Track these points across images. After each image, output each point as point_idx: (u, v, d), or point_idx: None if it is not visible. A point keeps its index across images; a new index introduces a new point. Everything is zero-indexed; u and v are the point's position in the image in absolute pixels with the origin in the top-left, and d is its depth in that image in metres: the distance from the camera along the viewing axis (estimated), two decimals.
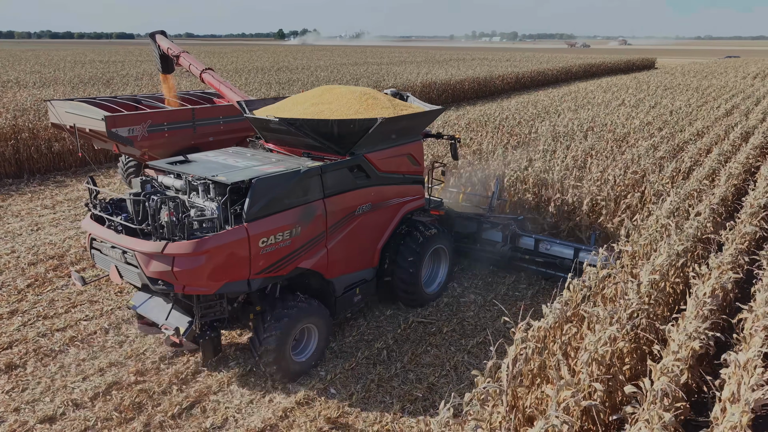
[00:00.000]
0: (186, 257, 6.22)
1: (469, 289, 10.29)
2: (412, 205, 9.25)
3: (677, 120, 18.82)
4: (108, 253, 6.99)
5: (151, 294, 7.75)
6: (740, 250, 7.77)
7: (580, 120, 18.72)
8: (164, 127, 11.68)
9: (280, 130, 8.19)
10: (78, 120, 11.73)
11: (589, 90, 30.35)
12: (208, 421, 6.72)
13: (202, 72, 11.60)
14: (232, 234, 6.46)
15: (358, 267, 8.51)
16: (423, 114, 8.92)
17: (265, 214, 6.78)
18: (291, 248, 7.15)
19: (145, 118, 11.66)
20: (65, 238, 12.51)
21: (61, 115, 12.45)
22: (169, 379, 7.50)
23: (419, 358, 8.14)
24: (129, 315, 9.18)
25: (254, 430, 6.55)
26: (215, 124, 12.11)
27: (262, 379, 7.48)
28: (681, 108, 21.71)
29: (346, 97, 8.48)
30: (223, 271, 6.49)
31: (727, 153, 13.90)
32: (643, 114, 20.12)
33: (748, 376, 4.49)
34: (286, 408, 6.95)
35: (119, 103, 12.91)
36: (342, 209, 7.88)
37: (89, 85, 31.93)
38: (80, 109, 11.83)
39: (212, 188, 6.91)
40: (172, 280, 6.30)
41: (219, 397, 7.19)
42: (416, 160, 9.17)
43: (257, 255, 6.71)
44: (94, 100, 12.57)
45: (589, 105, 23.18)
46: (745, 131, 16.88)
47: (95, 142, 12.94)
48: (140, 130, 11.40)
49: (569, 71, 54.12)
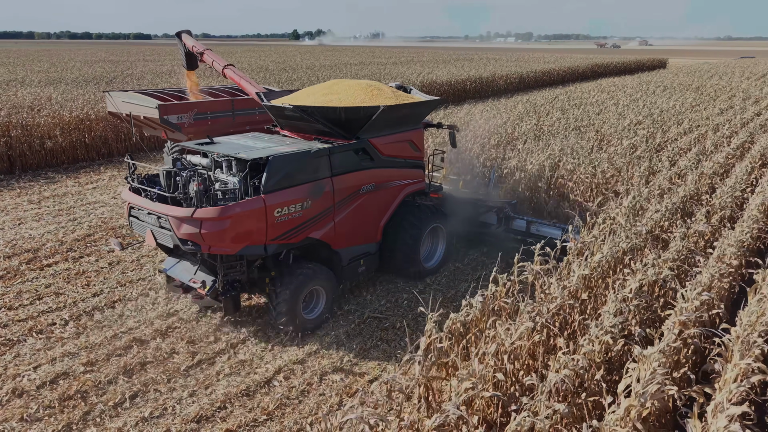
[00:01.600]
0: (212, 221, 7.31)
1: (431, 286, 10.31)
2: (413, 187, 10.16)
3: (664, 120, 18.63)
4: (144, 219, 8.15)
5: (179, 259, 8.99)
6: (689, 249, 7.73)
7: (567, 120, 18.64)
8: (208, 116, 12.68)
9: (294, 117, 9.23)
10: (133, 108, 12.70)
11: (587, 90, 30.15)
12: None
13: (224, 68, 12.39)
14: (252, 203, 7.52)
15: (363, 241, 9.46)
16: (422, 103, 9.95)
17: (279, 188, 7.82)
18: (302, 219, 8.18)
19: (192, 107, 12.64)
20: (44, 232, 12.75)
21: (118, 104, 13.38)
22: (117, 369, 7.63)
23: (367, 352, 8.19)
24: (89, 307, 9.35)
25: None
26: (251, 114, 13.08)
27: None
28: (673, 108, 21.49)
29: (353, 89, 9.45)
30: (243, 235, 7.54)
31: (707, 152, 13.75)
32: (633, 114, 19.95)
33: (646, 370, 4.48)
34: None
35: (168, 94, 13.88)
36: (348, 187, 8.88)
37: (91, 84, 32.37)
38: (136, 99, 12.84)
39: (234, 164, 7.94)
40: (199, 241, 7.38)
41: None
42: (417, 146, 10.12)
43: (272, 223, 7.75)
44: (146, 92, 13.59)
45: (582, 105, 23.04)
46: (730, 132, 16.67)
47: (146, 129, 13.78)
48: (187, 118, 12.36)
49: (576, 71, 53.71)
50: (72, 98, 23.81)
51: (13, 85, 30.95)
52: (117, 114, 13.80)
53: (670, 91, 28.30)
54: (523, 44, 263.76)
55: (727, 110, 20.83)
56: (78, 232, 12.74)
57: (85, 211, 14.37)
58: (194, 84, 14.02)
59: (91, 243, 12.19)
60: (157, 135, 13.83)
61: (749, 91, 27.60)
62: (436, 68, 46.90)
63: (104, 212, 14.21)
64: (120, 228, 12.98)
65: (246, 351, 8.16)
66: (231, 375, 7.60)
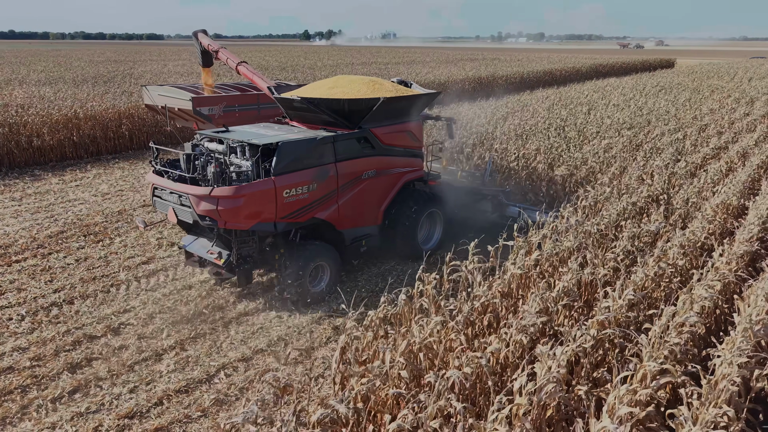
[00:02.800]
0: (227, 199, 8.14)
1: (395, 285, 10.27)
2: (412, 175, 10.95)
3: (650, 120, 18.44)
4: (167, 198, 8.99)
5: (196, 236, 9.86)
6: (630, 250, 7.62)
7: (551, 119, 18.51)
8: (236, 108, 13.46)
9: (302, 108, 10.10)
10: (168, 101, 13.54)
11: (583, 90, 29.92)
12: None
13: (237, 65, 13.23)
14: (263, 184, 8.36)
15: (364, 223, 10.25)
16: (419, 96, 10.70)
17: (288, 171, 8.63)
18: (308, 200, 9.00)
19: (222, 100, 13.50)
20: (19, 229, 12.88)
21: (155, 97, 14.16)
22: (62, 365, 7.68)
23: (316, 350, 8.19)
24: (48, 303, 9.42)
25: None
26: (275, 108, 13.58)
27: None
28: (661, 108, 21.25)
29: (356, 83, 10.32)
30: (255, 212, 8.38)
31: (686, 152, 13.58)
32: (619, 114, 19.75)
33: (543, 369, 4.42)
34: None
35: (200, 88, 14.68)
36: (350, 173, 9.69)
37: (89, 83, 32.68)
38: (171, 92, 13.73)
39: (247, 150, 8.73)
40: (216, 217, 8.19)
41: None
42: (416, 136, 10.94)
43: (281, 203, 8.58)
44: (180, 86, 14.51)
45: (571, 105, 22.86)
46: (715, 131, 16.46)
47: (178, 121, 14.53)
48: (217, 110, 13.18)
49: (579, 71, 53.33)
50: (65, 97, 24.09)
51: (12, 83, 31.32)
52: (153, 106, 14.58)
53: (666, 91, 28.00)
54: (534, 45, 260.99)
55: (719, 110, 20.55)
56: (52, 229, 12.86)
57: (64, 208, 14.49)
58: (209, 80, 14.68)
59: (62, 240, 12.29)
60: (189, 126, 14.64)
61: (747, 91, 27.23)
62: (436, 68, 46.87)
63: (82, 210, 14.32)
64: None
65: (194, 348, 8.18)
66: (174, 371, 7.62)
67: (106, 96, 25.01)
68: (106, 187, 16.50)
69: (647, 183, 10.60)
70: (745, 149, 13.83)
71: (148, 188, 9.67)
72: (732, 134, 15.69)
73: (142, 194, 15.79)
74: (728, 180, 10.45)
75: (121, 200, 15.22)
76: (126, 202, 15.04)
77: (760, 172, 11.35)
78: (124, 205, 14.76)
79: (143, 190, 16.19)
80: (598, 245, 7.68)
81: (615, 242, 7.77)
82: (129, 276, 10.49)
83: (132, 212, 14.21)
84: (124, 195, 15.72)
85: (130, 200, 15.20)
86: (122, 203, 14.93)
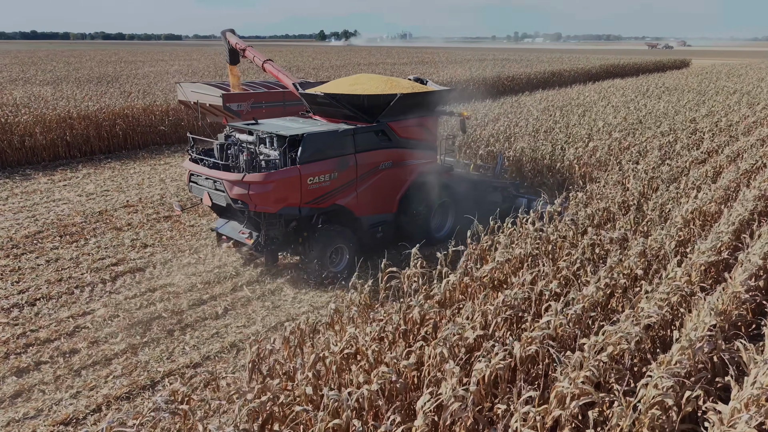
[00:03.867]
0: (258, 184, 9.03)
1: None
2: (426, 167, 11.53)
3: (641, 121, 18.02)
4: (202, 184, 9.89)
5: (228, 219, 10.92)
6: (582, 259, 7.34)
7: (543, 120, 18.18)
8: (263, 105, 14.16)
9: (324, 103, 10.92)
10: (200, 97, 14.17)
11: (585, 92, 29.42)
12: None
13: (264, 62, 13.85)
14: (289, 172, 9.24)
15: (381, 211, 10.94)
16: (434, 92, 11.48)
17: (312, 160, 9.46)
18: (330, 188, 9.81)
19: (250, 97, 14.23)
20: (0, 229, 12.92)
21: (188, 94, 14.87)
22: (9, 368, 7.61)
23: None
24: (10, 304, 9.40)
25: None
26: (300, 105, 14.37)
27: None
28: (658, 110, 20.76)
29: (375, 81, 11.19)
30: (282, 197, 9.26)
31: (672, 156, 13.17)
32: (613, 115, 19.33)
33: (450, 387, 4.20)
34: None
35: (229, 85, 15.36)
36: (369, 163, 10.41)
37: (93, 83, 32.96)
38: (202, 89, 14.53)
39: (275, 140, 9.60)
40: (247, 200, 9.07)
41: None
42: (430, 131, 11.62)
43: (306, 189, 9.43)
44: (212, 83, 15.39)
45: (567, 107, 22.45)
46: (710, 135, 15.99)
47: (209, 116, 15.06)
48: (245, 106, 13.85)
49: (588, 72, 52.56)
50: (63, 97, 24.27)
51: (17, 83, 31.69)
52: (186, 102, 15.33)
53: (669, 93, 27.39)
54: (551, 45, 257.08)
55: (719, 112, 19.99)
56: (30, 229, 12.88)
57: (47, 208, 14.53)
58: (236, 78, 15.27)
59: (38, 240, 12.29)
60: (218, 121, 15.22)
61: (753, 93, 26.53)
62: (442, 69, 46.54)
63: (64, 210, 14.35)
64: (72, 225, 13.12)
65: (144, 353, 8.07)
66: (121, 377, 7.52)
67: (104, 96, 25.21)
68: (93, 187, 16.54)
69: (623, 188, 10.27)
70: (738, 152, 13.38)
71: (185, 174, 10.69)
72: (727, 137, 15.21)
73: (127, 194, 15.78)
74: (710, 185, 10.07)
75: (105, 200, 15.22)
76: (109, 202, 15.04)
77: (745, 177, 10.92)
78: (106, 205, 14.75)
79: (129, 190, 16.20)
80: (558, 252, 7.41)
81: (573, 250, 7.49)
82: (95, 278, 10.44)
83: (113, 212, 14.20)
84: (109, 195, 15.72)
85: (114, 200, 15.20)
86: (105, 203, 14.93)
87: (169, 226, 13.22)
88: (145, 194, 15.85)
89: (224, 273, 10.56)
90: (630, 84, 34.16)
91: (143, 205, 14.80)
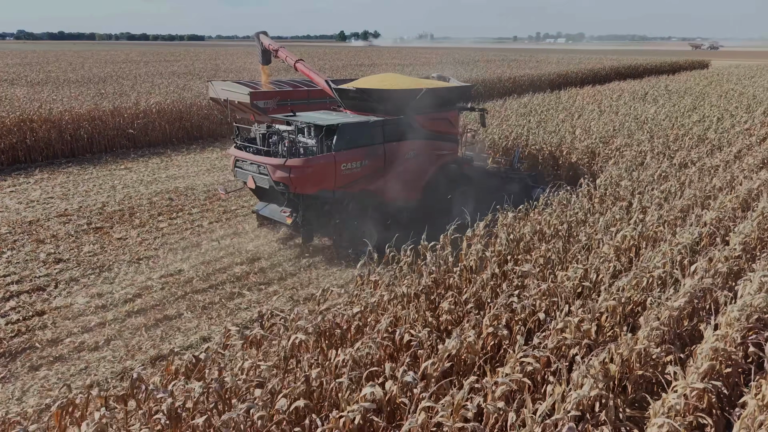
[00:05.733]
0: (298, 168, 10.04)
1: None
2: (447, 157, 12.46)
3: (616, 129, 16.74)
4: (247, 168, 10.91)
5: (267, 202, 11.91)
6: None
7: (520, 126, 17.06)
8: (288, 102, 14.54)
9: (355, 98, 11.92)
10: (230, 95, 14.87)
11: (576, 94, 27.98)
12: None
13: (296, 62, 14.47)
14: (325, 158, 10.28)
15: (407, 197, 11.61)
16: (455, 88, 12.85)
17: (345, 148, 10.46)
18: (361, 174, 10.80)
19: (276, 95, 14.81)
20: None
21: (218, 91, 15.39)
22: None
23: None
24: None
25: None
26: (323, 102, 14.77)
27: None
28: (646, 115, 19.37)
29: (401, 78, 12.50)
30: (319, 180, 10.30)
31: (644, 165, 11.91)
32: (594, 122, 18.03)
33: None
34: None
35: (257, 84, 15.92)
36: (396, 153, 11.32)
37: (82, 84, 32.59)
38: (232, 87, 15.08)
39: (312, 130, 10.63)
40: (288, 183, 10.07)
41: None
42: (452, 124, 12.50)
43: (339, 175, 10.44)
44: (241, 82, 15.89)
45: (554, 110, 21.19)
46: (692, 144, 14.64)
47: (237, 113, 15.61)
48: (272, 103, 14.36)
49: (597, 74, 50.93)
50: (36, 99, 23.81)
51: (11, 83, 31.38)
52: (217, 99, 15.87)
53: (669, 96, 25.82)
54: (573, 45, 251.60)
55: (709, 118, 18.49)
56: None
57: None
58: (267, 77, 16.02)
59: None
60: (247, 117, 15.49)
61: (759, 97, 24.84)
62: (442, 70, 45.30)
63: None
64: (8, 233, 12.40)
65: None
66: None
67: (79, 97, 24.67)
68: (38, 194, 15.86)
69: (563, 209, 9.09)
70: (714, 165, 12.06)
71: (230, 160, 11.53)
72: (709, 147, 13.85)
73: (69, 202, 15.03)
74: (661, 205, 8.84)
75: (43, 209, 14.51)
76: (47, 211, 14.32)
77: (705, 197, 9.56)
78: (42, 214, 14.03)
79: (73, 198, 15.46)
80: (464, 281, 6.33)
81: None
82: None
83: (45, 222, 13.47)
84: (50, 203, 15.00)
85: (53, 209, 14.47)
86: (42, 212, 14.21)
87: (96, 239, 12.42)
88: (89, 202, 15.10)
89: (113, 301, 9.63)
90: (631, 86, 32.55)
91: (79, 215, 14.04)
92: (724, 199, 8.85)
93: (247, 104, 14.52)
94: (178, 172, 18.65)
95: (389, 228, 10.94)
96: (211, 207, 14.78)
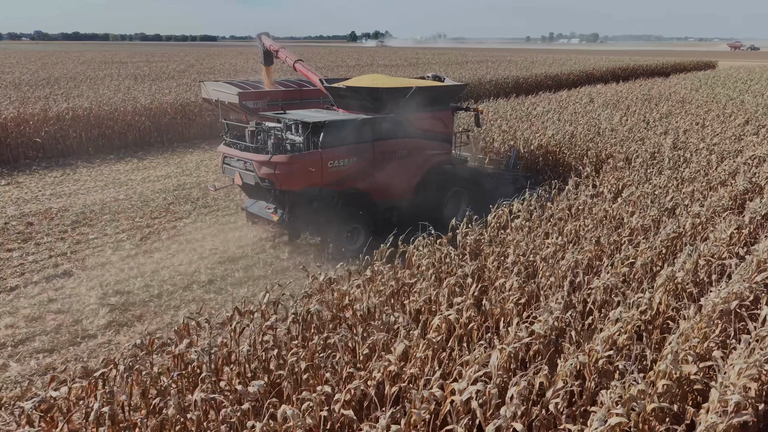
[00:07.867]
0: (283, 165, 9.89)
1: None
2: (441, 157, 12.36)
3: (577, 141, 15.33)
4: (234, 165, 10.82)
5: (256, 199, 11.67)
6: None
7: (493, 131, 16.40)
8: (279, 103, 14.37)
9: (347, 96, 11.83)
10: (221, 95, 14.76)
11: (552, 98, 26.32)
12: None
13: (294, 62, 14.66)
14: (312, 155, 10.12)
15: (396, 196, 11.53)
16: (447, 87, 12.67)
17: (332, 145, 10.31)
18: (348, 171, 10.66)
19: (266, 95, 14.67)
20: None
21: (210, 92, 15.34)
22: None
23: None
24: None
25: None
26: (316, 102, 14.79)
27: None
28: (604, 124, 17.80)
29: (392, 78, 12.54)
30: (305, 178, 10.11)
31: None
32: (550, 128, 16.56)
33: None
34: None
35: (250, 85, 15.92)
36: (386, 151, 11.22)
37: (27, 86, 30.85)
38: (223, 87, 15.08)
39: (300, 127, 10.49)
40: (274, 179, 9.94)
41: None
42: (445, 124, 12.40)
43: (326, 172, 10.27)
44: (232, 82, 15.86)
45: (525, 116, 19.69)
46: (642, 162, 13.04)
47: (231, 113, 15.45)
48: (262, 104, 14.15)
49: (591, 75, 49.19)
50: None
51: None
52: (209, 99, 15.76)
53: (648, 102, 23.99)
54: (587, 46, 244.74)
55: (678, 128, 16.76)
56: None
57: None
58: (270, 77, 15.87)
59: None
60: (239, 118, 15.60)
61: (747, 103, 22.96)
62: (439, 70, 43.87)
63: None
64: None
65: None
66: None
67: (39, 101, 23.01)
68: None
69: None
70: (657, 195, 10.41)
71: (219, 157, 11.50)
72: (656, 168, 12.19)
73: None
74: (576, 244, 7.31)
75: None
76: None
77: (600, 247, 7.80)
78: None
79: None
80: None
81: None
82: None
83: None
84: None
85: None
86: None
87: None
88: None
89: None
90: (613, 90, 30.70)
91: None
92: None
93: (236, 105, 14.54)
94: (69, 189, 16.14)
95: (377, 226, 10.89)
96: (68, 237, 12.27)
